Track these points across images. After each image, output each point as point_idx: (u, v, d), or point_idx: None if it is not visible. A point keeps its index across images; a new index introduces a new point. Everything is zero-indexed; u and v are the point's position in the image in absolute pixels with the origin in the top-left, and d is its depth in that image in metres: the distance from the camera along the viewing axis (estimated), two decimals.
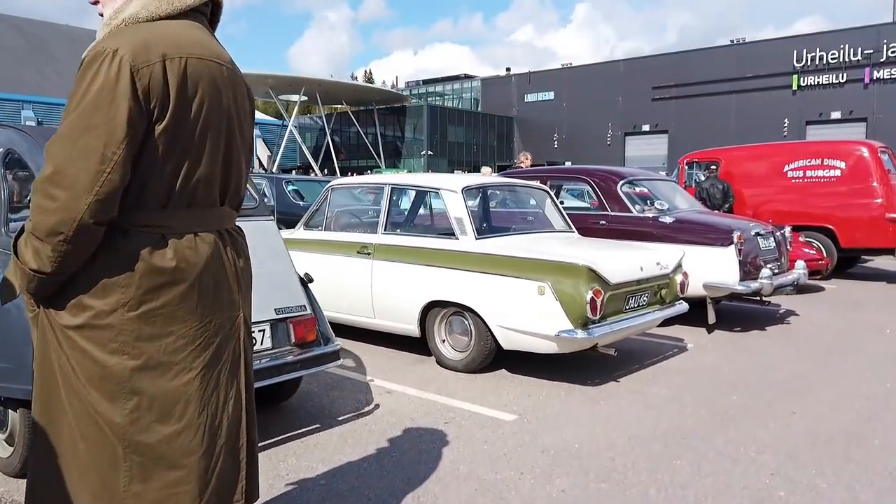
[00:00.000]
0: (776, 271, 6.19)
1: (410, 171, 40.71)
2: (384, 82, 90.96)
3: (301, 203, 10.76)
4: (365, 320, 4.94)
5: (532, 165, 10.63)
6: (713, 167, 9.96)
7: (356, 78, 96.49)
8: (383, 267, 4.74)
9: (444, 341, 4.59)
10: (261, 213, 3.44)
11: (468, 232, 4.45)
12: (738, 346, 5.44)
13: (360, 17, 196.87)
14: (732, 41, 57.54)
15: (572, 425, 3.53)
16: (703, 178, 9.95)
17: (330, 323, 3.55)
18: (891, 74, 48.34)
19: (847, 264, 10.37)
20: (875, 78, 48.83)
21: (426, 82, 78.10)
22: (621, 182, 6.43)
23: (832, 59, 50.47)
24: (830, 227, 9.30)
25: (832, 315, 6.83)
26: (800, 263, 6.50)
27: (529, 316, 4.08)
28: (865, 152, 9.30)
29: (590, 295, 3.88)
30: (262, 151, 61.47)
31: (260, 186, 11.39)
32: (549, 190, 5.45)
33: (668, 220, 6.06)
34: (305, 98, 58.15)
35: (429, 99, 70.68)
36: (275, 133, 59.44)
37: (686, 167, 11.00)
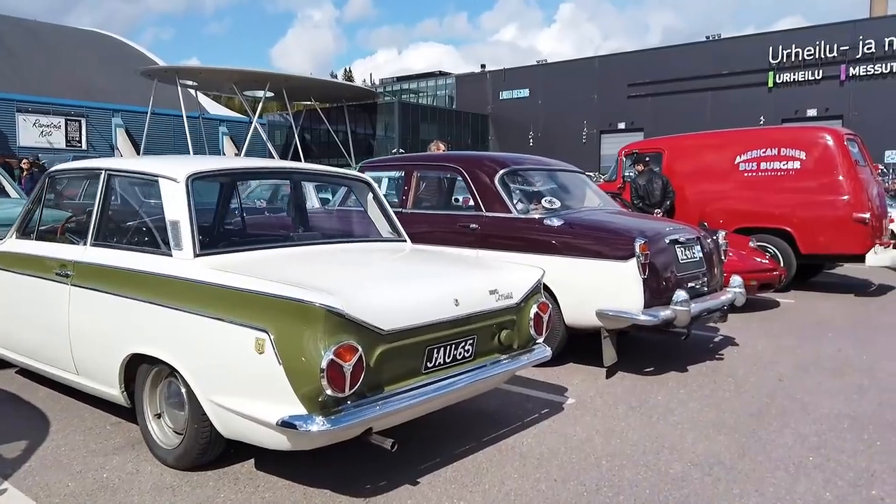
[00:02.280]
0: (702, 291, 4.63)
1: None
2: (364, 81, 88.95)
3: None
4: (67, 377, 3.29)
5: None
6: (647, 159, 8.41)
7: (336, 76, 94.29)
8: (83, 297, 3.10)
9: (158, 416, 2.95)
10: None
11: (184, 244, 2.81)
12: (637, 401, 3.86)
13: (344, 16, 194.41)
14: (708, 37, 56.61)
15: None
16: (636, 173, 8.40)
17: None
18: (867, 71, 47.52)
19: (811, 272, 8.90)
20: (851, 75, 47.97)
21: (400, 79, 76.27)
22: (500, 173, 4.83)
23: (808, 55, 49.54)
24: (788, 229, 7.80)
25: (781, 345, 5.28)
26: (736, 280, 4.94)
27: (245, 388, 2.45)
28: (830, 141, 7.80)
29: (328, 356, 2.26)
30: (229, 149, 59.41)
31: None
32: (370, 181, 3.82)
33: (555, 222, 4.47)
34: (272, 94, 56.11)
35: (403, 96, 68.92)
36: (243, 130, 57.38)
37: (625, 159, 9.45)
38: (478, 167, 4.91)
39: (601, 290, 4.18)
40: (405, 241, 3.75)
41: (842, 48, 47.87)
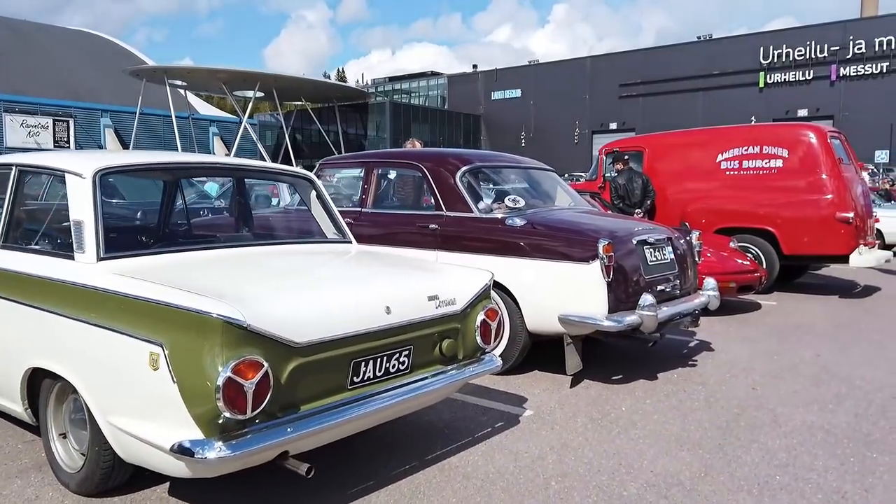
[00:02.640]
0: (673, 294, 4.40)
1: None
2: (357, 82, 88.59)
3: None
4: None
5: None
6: (626, 157, 8.18)
7: (329, 77, 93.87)
8: None
9: (63, 436, 2.68)
10: None
11: (87, 246, 2.55)
12: (600, 413, 3.61)
13: (338, 17, 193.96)
14: (699, 38, 56.63)
15: None
16: (616, 171, 8.17)
17: None
18: (857, 71, 47.59)
19: (795, 272, 8.69)
20: (841, 75, 48.04)
21: (392, 79, 76.02)
22: (462, 170, 4.58)
23: (799, 56, 49.60)
24: (770, 229, 7.58)
25: (758, 350, 5.06)
26: (709, 282, 4.71)
27: (141, 408, 2.20)
28: (813, 138, 7.59)
29: (225, 374, 2.00)
30: (219, 150, 58.99)
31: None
32: (313, 178, 3.57)
33: (518, 223, 4.23)
34: (262, 94, 55.69)
35: (395, 96, 68.63)
36: (234, 130, 57.02)
37: (606, 158, 9.22)
38: (439, 164, 4.66)
39: (564, 294, 3.94)
40: (350, 242, 3.49)
41: (832, 48, 47.91)
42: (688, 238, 4.83)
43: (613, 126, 54.80)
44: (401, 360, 2.63)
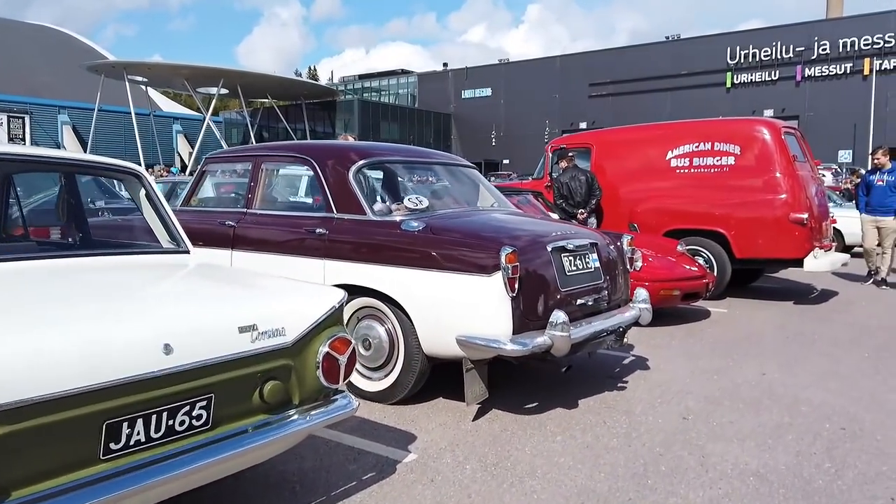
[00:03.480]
0: (599, 308, 3.82)
1: None
2: (329, 80, 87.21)
3: None
4: None
5: None
6: (571, 154, 7.64)
7: (301, 75, 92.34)
8: None
9: None
10: None
11: None
12: (497, 456, 3.00)
13: (312, 15, 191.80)
14: (668, 38, 56.84)
15: None
16: (560, 170, 7.61)
17: None
18: (822, 72, 48.14)
19: (750, 276, 8.25)
20: (806, 75, 48.56)
21: (362, 77, 75.05)
22: (357, 164, 3.94)
23: (765, 56, 50.02)
24: (722, 231, 7.10)
25: (698, 368, 4.51)
26: (640, 293, 4.14)
27: None
28: (766, 134, 7.13)
29: None
30: (183, 147, 57.47)
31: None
32: (142, 174, 2.89)
33: (415, 227, 3.60)
34: (226, 91, 54.32)
35: (364, 94, 67.70)
36: (199, 128, 55.64)
37: (553, 155, 8.66)
38: (331, 158, 4.02)
39: (462, 311, 3.33)
40: (186, 252, 2.83)
41: (797, 49, 48.37)
42: (618, 244, 4.26)
43: (583, 125, 54.65)
44: (194, 413, 1.98)
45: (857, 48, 46.74)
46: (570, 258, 3.72)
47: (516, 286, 3.25)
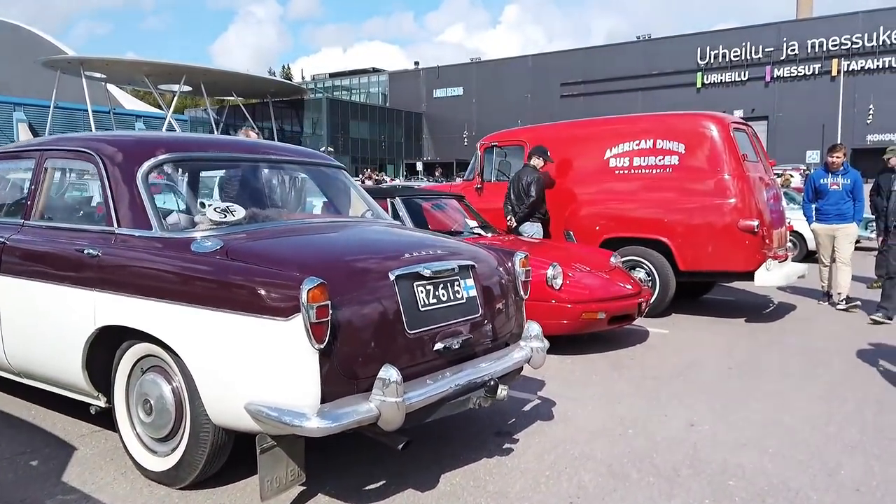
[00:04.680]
0: (470, 352, 2.90)
1: None
2: (303, 78, 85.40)
3: None
4: None
5: None
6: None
7: (274, 74, 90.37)
8: None
9: None
10: None
11: None
12: None
13: (289, 14, 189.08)
14: (639, 38, 56.55)
15: None
16: (522, 166, 6.69)
17: None
18: (790, 73, 48.18)
19: (701, 288, 7.45)
20: (775, 76, 48.56)
21: (333, 76, 73.66)
22: (149, 164, 2.96)
23: (735, 56, 49.92)
24: (665, 240, 6.25)
25: (613, 416, 3.61)
26: (532, 328, 3.23)
27: None
28: (713, 131, 6.30)
29: None
30: None
31: None
32: None
33: (208, 246, 2.64)
34: (189, 88, 52.65)
35: (334, 93, 66.36)
36: (160, 126, 53.88)
37: (485, 155, 7.75)
38: (118, 154, 3.03)
39: (252, 368, 2.39)
40: None
41: (767, 50, 48.35)
42: (508, 265, 3.34)
43: None
44: None
45: (825, 49, 46.83)
46: (429, 287, 2.79)
47: (325, 334, 2.31)
